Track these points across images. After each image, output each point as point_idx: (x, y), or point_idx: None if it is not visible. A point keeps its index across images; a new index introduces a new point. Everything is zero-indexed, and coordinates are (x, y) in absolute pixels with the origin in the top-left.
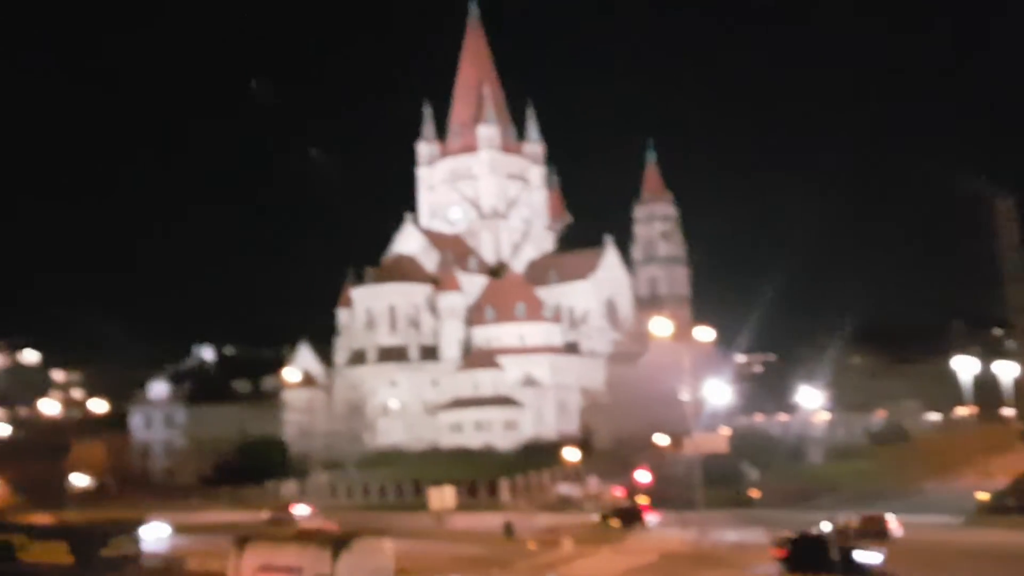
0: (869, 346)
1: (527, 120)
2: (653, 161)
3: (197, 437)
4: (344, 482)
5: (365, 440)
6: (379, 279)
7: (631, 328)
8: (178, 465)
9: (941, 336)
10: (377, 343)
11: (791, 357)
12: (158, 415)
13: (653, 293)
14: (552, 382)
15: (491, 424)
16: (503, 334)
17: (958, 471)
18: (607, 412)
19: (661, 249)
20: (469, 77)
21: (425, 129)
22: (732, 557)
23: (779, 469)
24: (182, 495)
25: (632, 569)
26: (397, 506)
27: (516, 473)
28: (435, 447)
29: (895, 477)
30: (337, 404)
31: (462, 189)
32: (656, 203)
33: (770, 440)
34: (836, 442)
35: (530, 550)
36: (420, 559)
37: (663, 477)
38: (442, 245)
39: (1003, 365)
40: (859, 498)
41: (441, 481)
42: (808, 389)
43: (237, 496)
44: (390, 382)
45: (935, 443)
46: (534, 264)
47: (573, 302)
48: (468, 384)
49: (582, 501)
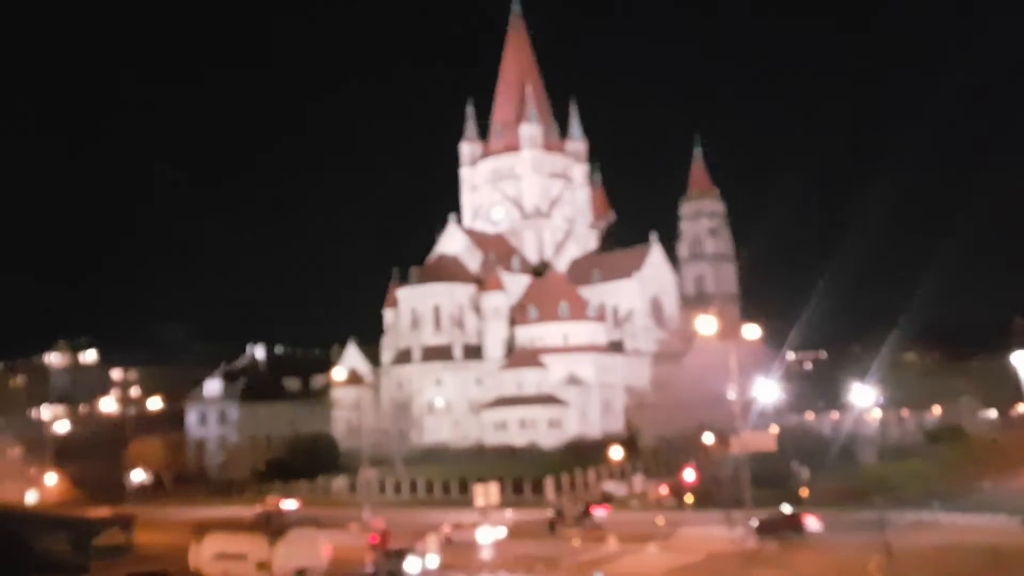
0: (924, 343)
1: (570, 118)
2: (700, 157)
3: (250, 434)
4: (392, 478)
5: (412, 438)
6: (423, 279)
7: (677, 327)
8: (231, 461)
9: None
10: (422, 342)
11: (843, 354)
12: (212, 412)
13: (700, 291)
14: (596, 381)
15: (535, 422)
16: (547, 333)
17: (1016, 470)
18: (652, 411)
19: (708, 246)
20: (511, 75)
21: (468, 129)
22: (778, 557)
23: (830, 469)
24: (236, 490)
25: (677, 567)
26: (443, 502)
27: (561, 471)
28: (480, 445)
29: (951, 476)
30: (384, 402)
31: (504, 189)
32: (703, 200)
33: (821, 439)
34: (889, 441)
35: (575, 547)
36: (466, 555)
37: (710, 476)
38: (485, 245)
39: None
40: (912, 498)
41: (486, 478)
42: (860, 387)
43: (288, 491)
44: (435, 381)
45: (993, 441)
46: (577, 263)
47: (617, 301)
48: (512, 383)
49: (628, 499)
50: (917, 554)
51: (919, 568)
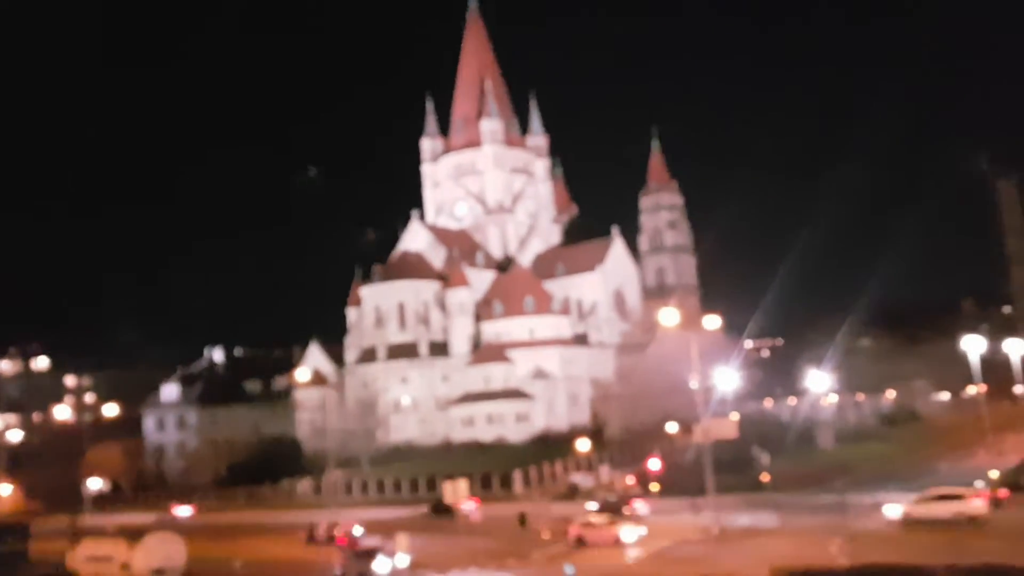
0: (878, 328)
1: (530, 112)
2: (658, 150)
3: (210, 438)
4: (359, 479)
5: (378, 437)
6: (387, 277)
7: (639, 318)
8: (192, 466)
9: (950, 315)
10: (387, 340)
11: (799, 341)
12: (171, 417)
13: (661, 283)
14: (562, 374)
15: (503, 417)
16: (512, 328)
17: (970, 450)
18: (617, 402)
19: (668, 239)
20: (470, 71)
21: (428, 124)
22: (745, 541)
23: (790, 453)
24: (198, 495)
25: (647, 555)
26: (412, 501)
27: (529, 465)
28: (448, 442)
29: (907, 458)
30: (349, 402)
31: (467, 184)
32: (662, 193)
33: (780, 425)
34: (846, 425)
35: (545, 540)
36: (436, 553)
37: (674, 464)
38: (449, 241)
39: (1013, 343)
40: (871, 480)
41: (454, 475)
42: (816, 373)
43: (253, 496)
44: (401, 379)
45: (946, 423)
46: (541, 257)
47: (581, 294)
48: (479, 379)
49: (595, 490)
50: (877, 535)
51: (879, 548)
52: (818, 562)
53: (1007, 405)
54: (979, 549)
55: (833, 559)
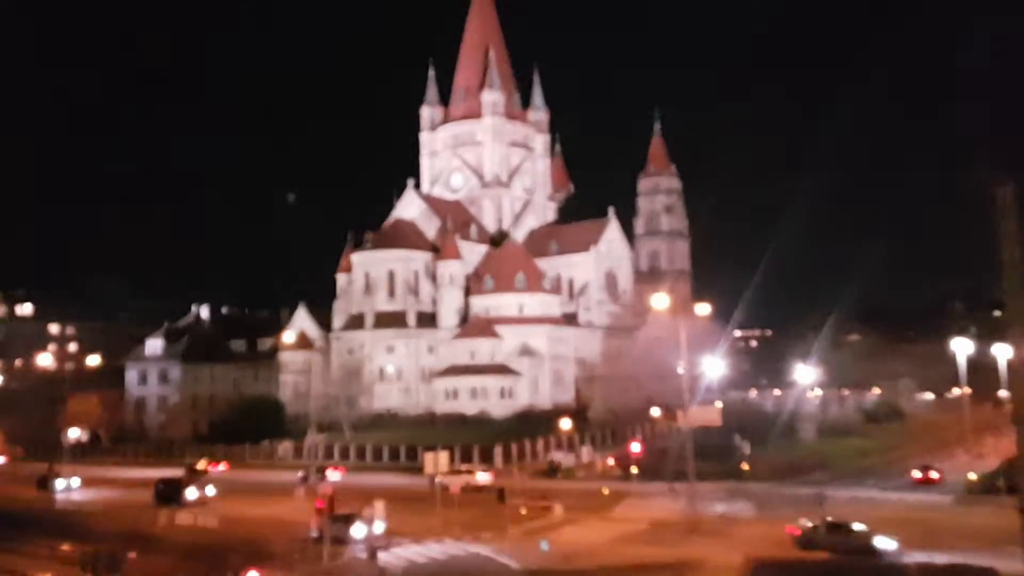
0: (867, 325)
1: (532, 87)
2: (659, 133)
3: (191, 393)
4: (339, 443)
5: (361, 404)
6: (379, 245)
7: (630, 301)
8: (172, 421)
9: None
10: (375, 308)
11: (787, 333)
12: (153, 371)
13: (653, 267)
14: (549, 352)
15: (487, 392)
16: (502, 303)
17: (950, 451)
18: (603, 383)
19: (664, 223)
20: (475, 40)
21: (429, 92)
22: (718, 527)
23: (771, 444)
24: (177, 450)
25: (622, 536)
26: (391, 469)
27: (510, 440)
28: (430, 413)
29: (887, 455)
30: (334, 367)
31: (465, 155)
32: (660, 176)
33: (763, 415)
34: (829, 419)
35: (522, 515)
36: (414, 522)
37: (656, 448)
38: (443, 212)
39: (1001, 348)
40: (848, 475)
41: (435, 446)
42: (802, 366)
43: (231, 453)
44: (387, 347)
45: (929, 423)
46: (535, 234)
47: (573, 273)
48: (465, 352)
49: (575, 470)
50: None
51: None
52: (793, 552)
53: (990, 408)
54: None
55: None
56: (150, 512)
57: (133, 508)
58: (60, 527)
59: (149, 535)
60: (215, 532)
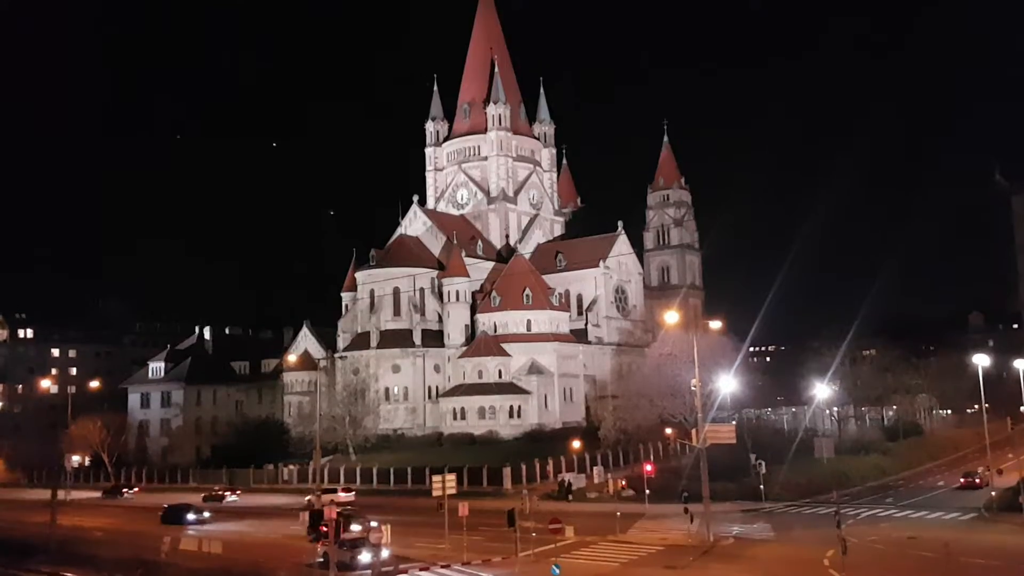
0: (884, 339)
1: (538, 100)
2: (668, 146)
3: (194, 417)
4: (345, 466)
5: (366, 425)
6: (383, 262)
7: (641, 316)
8: (175, 445)
9: (958, 330)
10: (380, 327)
11: (803, 349)
12: (156, 394)
13: (664, 281)
14: (558, 370)
15: (495, 411)
16: (509, 320)
17: (970, 468)
18: (613, 401)
19: (674, 237)
20: (480, 55)
21: (433, 107)
22: (735, 550)
23: (788, 462)
24: (179, 474)
25: (636, 559)
26: (398, 492)
27: (519, 461)
28: (438, 433)
29: (907, 472)
30: (339, 388)
31: (470, 170)
32: (670, 189)
33: (779, 433)
34: (847, 436)
35: (533, 538)
36: (422, 546)
37: (669, 468)
38: (448, 228)
39: (1022, 362)
40: (868, 493)
41: (443, 468)
42: (819, 382)
43: (235, 477)
44: (393, 367)
45: (948, 439)
46: (542, 249)
47: (582, 289)
48: (472, 370)
49: (586, 491)
50: (872, 548)
51: (873, 562)
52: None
53: (1010, 423)
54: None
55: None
56: (152, 538)
57: (134, 534)
58: (63, 555)
59: (152, 561)
60: (219, 557)
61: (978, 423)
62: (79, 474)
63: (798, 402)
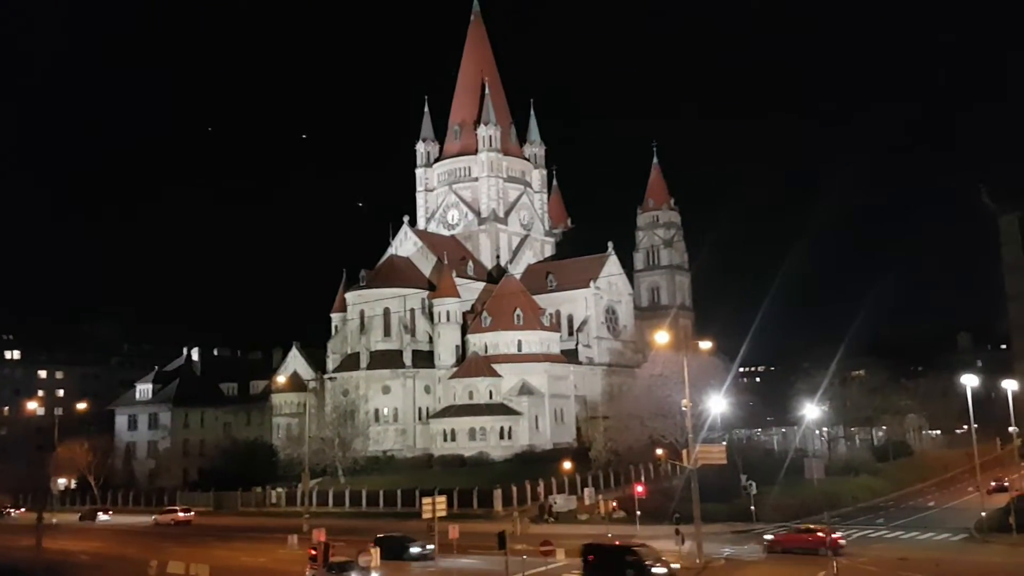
0: (873, 360)
1: (529, 121)
2: (657, 166)
3: (182, 439)
4: (334, 489)
5: (356, 447)
6: (373, 283)
7: (631, 337)
8: (162, 467)
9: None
10: (370, 347)
11: (792, 369)
12: (143, 416)
13: (654, 302)
14: (549, 391)
15: (486, 432)
16: (500, 341)
17: (960, 488)
18: (604, 422)
19: (664, 257)
20: (470, 76)
21: (424, 128)
22: (726, 571)
23: (778, 483)
24: (167, 496)
25: None
26: (387, 514)
27: (510, 483)
28: (428, 455)
29: (897, 493)
30: (328, 409)
31: (460, 191)
32: (659, 210)
33: (769, 453)
34: (837, 456)
35: (524, 561)
36: (414, 570)
37: (660, 489)
38: (439, 248)
39: (1009, 383)
40: (859, 514)
41: (433, 490)
42: (809, 402)
43: (223, 500)
44: (383, 388)
45: (938, 459)
46: (533, 269)
47: (572, 309)
48: (463, 391)
49: (577, 512)
50: (863, 570)
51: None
52: None
53: (999, 443)
54: None
55: None
56: (137, 562)
57: (121, 560)
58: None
59: None
60: None
61: (967, 443)
62: (65, 497)
63: (788, 422)
